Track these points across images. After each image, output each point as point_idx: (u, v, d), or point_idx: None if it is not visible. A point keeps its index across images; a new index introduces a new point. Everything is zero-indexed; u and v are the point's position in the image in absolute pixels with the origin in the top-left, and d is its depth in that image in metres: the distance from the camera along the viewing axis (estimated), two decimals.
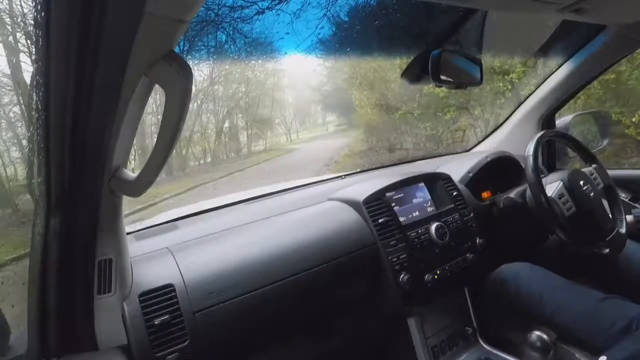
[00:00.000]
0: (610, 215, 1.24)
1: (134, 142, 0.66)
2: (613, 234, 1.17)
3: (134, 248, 0.93)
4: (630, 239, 1.22)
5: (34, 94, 0.54)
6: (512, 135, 1.74)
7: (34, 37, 0.47)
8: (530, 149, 1.17)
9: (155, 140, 0.56)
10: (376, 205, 1.17)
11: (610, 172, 1.30)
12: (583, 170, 1.28)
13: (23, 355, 0.76)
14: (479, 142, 1.90)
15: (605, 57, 1.44)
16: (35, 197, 0.68)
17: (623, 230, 1.19)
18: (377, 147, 7.08)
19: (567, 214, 1.16)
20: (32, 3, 0.45)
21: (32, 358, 0.72)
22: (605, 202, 1.24)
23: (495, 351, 1.23)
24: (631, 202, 1.50)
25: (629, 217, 1.33)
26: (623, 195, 1.48)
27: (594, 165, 1.30)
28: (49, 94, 0.50)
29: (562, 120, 1.66)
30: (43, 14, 0.43)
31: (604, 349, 0.92)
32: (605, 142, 1.66)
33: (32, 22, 0.46)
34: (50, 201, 0.64)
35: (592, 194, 1.18)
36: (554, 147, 1.72)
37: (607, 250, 1.13)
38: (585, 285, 1.19)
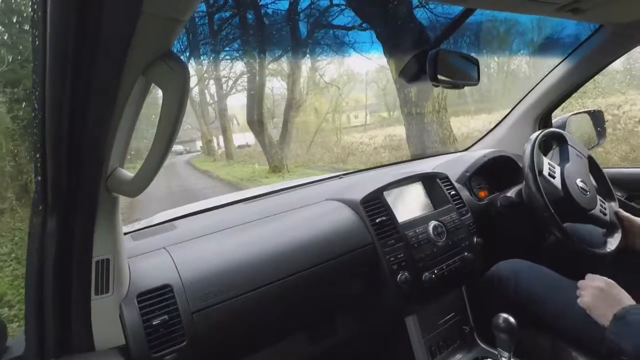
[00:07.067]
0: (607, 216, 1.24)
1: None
2: (609, 234, 1.16)
3: (131, 248, 0.93)
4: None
5: (31, 93, 0.54)
6: (509, 134, 1.75)
7: (30, 36, 0.47)
8: (527, 147, 1.17)
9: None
10: (374, 204, 1.17)
11: (606, 171, 1.30)
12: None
13: (21, 357, 0.76)
14: (476, 142, 1.90)
15: (601, 57, 1.45)
16: (33, 196, 0.68)
17: (619, 230, 1.18)
18: None
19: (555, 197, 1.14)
20: (29, 2, 0.44)
21: (30, 359, 0.72)
22: (601, 201, 1.24)
23: (492, 350, 1.24)
24: (627, 201, 1.51)
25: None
26: (619, 194, 1.49)
27: (590, 165, 1.30)
28: (45, 93, 0.50)
29: (559, 119, 1.67)
30: (40, 13, 0.42)
31: (609, 357, 0.88)
32: (602, 141, 1.67)
33: (29, 21, 0.46)
34: (47, 201, 0.64)
35: (588, 193, 1.18)
36: (550, 146, 1.72)
37: (604, 250, 1.12)
38: None
